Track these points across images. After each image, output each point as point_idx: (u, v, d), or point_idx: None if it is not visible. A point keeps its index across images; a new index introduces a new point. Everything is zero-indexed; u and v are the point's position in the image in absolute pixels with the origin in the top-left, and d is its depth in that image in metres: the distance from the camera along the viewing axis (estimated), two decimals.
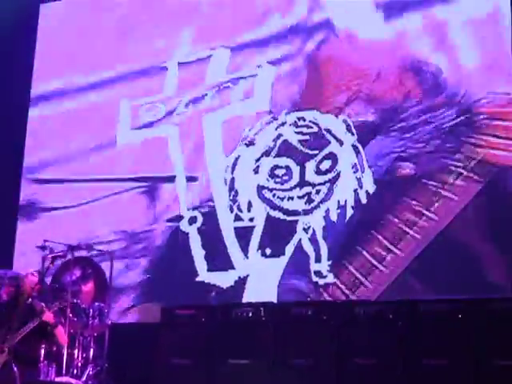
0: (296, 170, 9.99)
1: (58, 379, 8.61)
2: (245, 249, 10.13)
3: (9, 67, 11.98)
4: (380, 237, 9.30)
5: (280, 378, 7.83)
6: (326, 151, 9.89)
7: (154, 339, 8.63)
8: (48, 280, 9.73)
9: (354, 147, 9.73)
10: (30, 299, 8.87)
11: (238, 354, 8.08)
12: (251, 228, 10.17)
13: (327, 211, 9.74)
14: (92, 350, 9.32)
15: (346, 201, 9.64)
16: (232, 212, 10.31)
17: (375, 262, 9.26)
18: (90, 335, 9.35)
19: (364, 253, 9.35)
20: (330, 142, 9.89)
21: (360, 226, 9.50)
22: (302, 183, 9.94)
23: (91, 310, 9.37)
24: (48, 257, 9.46)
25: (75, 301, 9.32)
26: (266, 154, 10.24)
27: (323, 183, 9.84)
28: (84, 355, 9.27)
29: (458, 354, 7.17)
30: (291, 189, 10.00)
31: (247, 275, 10.06)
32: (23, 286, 8.26)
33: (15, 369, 7.36)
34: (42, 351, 8.05)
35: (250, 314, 8.24)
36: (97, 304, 9.50)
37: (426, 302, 7.69)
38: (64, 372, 8.82)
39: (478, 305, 7.36)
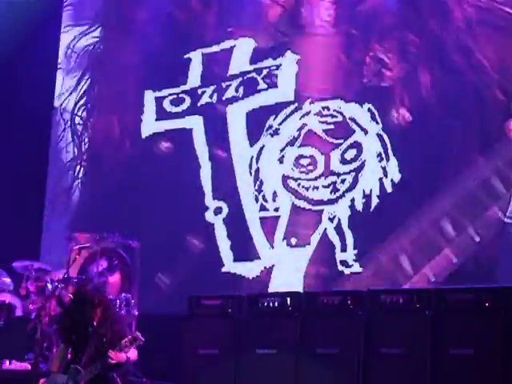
0: (321, 159, 9.97)
1: None
2: (270, 239, 10.14)
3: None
4: None
5: (307, 367, 7.82)
6: (350, 140, 9.87)
7: (181, 330, 8.65)
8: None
9: (379, 136, 9.69)
10: (56, 291, 9.00)
11: (264, 343, 8.07)
12: (276, 218, 10.17)
13: (352, 200, 9.71)
14: None
15: (371, 190, 9.62)
16: (257, 202, 10.31)
17: None
18: None
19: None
20: (354, 131, 9.86)
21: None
22: (327, 172, 9.93)
23: (118, 301, 9.39)
24: (75, 248, 9.51)
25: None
26: (291, 143, 10.22)
27: (348, 172, 9.82)
28: None
29: (485, 344, 7.13)
30: (316, 178, 9.99)
31: (273, 265, 10.07)
32: (49, 278, 8.26)
33: None
34: None
35: (277, 304, 8.23)
36: (124, 295, 9.52)
37: (454, 291, 7.64)
38: None
39: (504, 293, 7.31)
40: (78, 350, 6.88)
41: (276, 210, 10.20)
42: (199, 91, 10.96)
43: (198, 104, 10.95)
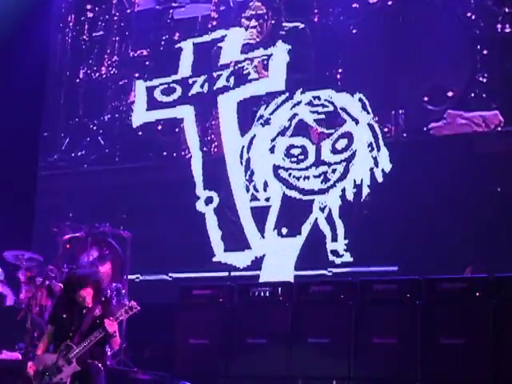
0: (312, 149, 9.97)
1: None
2: (261, 229, 10.14)
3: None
4: None
5: (297, 356, 7.84)
6: (341, 130, 9.87)
7: (172, 319, 8.66)
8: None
9: (370, 126, 9.69)
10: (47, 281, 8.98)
11: (255, 333, 8.09)
12: (267, 208, 10.17)
13: (343, 190, 9.72)
14: None
15: (362, 180, 9.62)
16: (248, 192, 10.31)
17: None
18: None
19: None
20: (345, 121, 9.86)
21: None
22: (318, 162, 9.93)
23: (109, 291, 9.38)
24: (65, 238, 9.48)
25: None
26: (282, 133, 10.21)
27: (339, 162, 9.82)
28: None
29: (476, 334, 7.16)
30: (307, 168, 9.99)
31: (264, 255, 10.07)
32: (41, 268, 8.22)
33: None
34: None
35: (268, 294, 8.25)
36: (114, 285, 9.51)
37: (444, 281, 7.66)
38: None
39: (495, 283, 7.34)
40: (69, 329, 6.89)
41: (267, 199, 10.19)
42: (190, 81, 10.93)
43: (189, 94, 10.93)
